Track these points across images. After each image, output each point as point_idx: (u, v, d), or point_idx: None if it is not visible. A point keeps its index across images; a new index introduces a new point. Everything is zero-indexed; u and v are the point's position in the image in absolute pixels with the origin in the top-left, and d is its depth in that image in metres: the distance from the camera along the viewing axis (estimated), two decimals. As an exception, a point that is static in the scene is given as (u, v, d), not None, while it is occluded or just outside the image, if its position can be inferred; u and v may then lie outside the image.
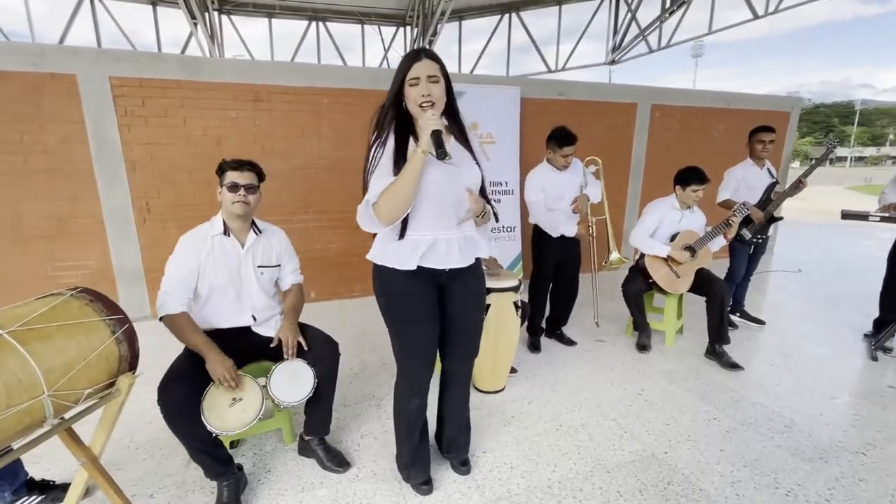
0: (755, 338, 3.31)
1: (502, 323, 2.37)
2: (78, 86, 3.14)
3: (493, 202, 1.65)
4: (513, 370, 2.74)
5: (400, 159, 1.42)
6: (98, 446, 1.47)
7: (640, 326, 3.13)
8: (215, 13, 8.69)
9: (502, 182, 4.23)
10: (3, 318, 1.20)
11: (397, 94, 1.43)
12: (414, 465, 1.75)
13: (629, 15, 9.20)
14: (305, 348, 1.85)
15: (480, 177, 1.56)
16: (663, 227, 3.04)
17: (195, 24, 7.19)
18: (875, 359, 2.92)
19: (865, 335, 3.25)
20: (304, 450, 1.97)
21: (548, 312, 3.22)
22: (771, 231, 3.39)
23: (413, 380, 1.64)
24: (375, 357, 3.03)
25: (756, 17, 8.62)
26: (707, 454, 1.99)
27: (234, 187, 1.78)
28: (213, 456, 1.63)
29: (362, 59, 10.05)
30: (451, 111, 1.52)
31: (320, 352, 1.87)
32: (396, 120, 1.45)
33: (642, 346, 3.07)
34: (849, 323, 3.58)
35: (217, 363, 1.64)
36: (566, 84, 4.59)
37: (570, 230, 2.91)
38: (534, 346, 3.08)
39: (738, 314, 3.62)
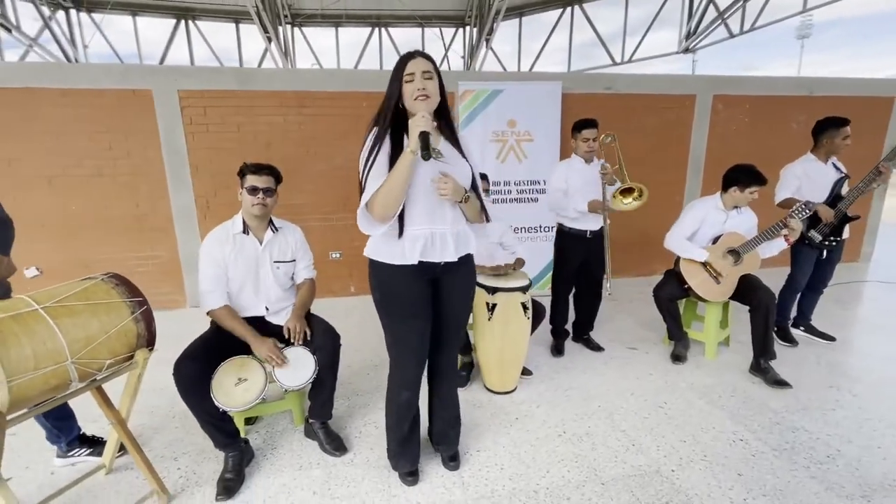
0: (821, 356, 2.92)
1: (508, 323, 2.34)
2: (153, 99, 3.61)
3: (483, 200, 1.66)
4: (527, 372, 2.68)
5: (395, 159, 1.48)
6: (124, 410, 1.71)
7: (676, 336, 2.90)
8: (288, 26, 9.41)
9: (540, 181, 4.13)
10: (42, 295, 1.45)
11: (396, 94, 1.49)
12: (401, 455, 1.80)
13: (706, -2, 8.44)
14: (309, 338, 1.99)
15: (471, 174, 1.60)
16: (705, 228, 2.79)
17: (268, 39, 7.85)
18: (973, 388, 2.45)
19: None
20: (309, 432, 2.11)
21: (574, 316, 3.11)
22: (846, 234, 2.95)
23: (405, 373, 1.70)
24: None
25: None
26: (721, 477, 1.82)
27: (253, 190, 1.95)
28: (220, 429, 1.81)
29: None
30: (442, 111, 1.57)
31: (322, 341, 1.99)
32: (393, 121, 1.52)
33: (677, 357, 2.85)
34: (949, 345, 3.02)
35: (261, 345, 1.88)
36: (614, 77, 4.35)
37: (595, 224, 2.78)
38: (556, 350, 2.99)
39: (802, 328, 3.21)
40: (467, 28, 9.56)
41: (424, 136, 1.35)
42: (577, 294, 3.02)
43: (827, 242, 2.88)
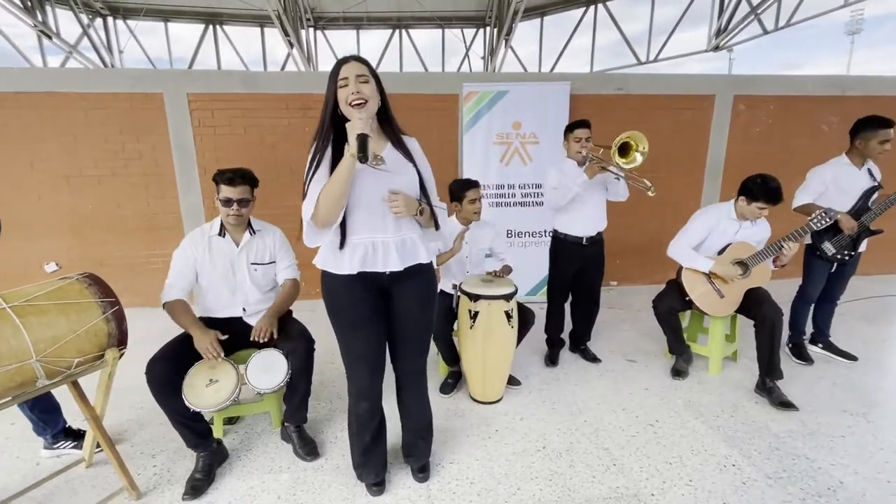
0: (838, 376, 2.70)
1: (491, 332, 2.27)
2: (164, 102, 3.73)
3: (437, 207, 1.61)
4: (515, 382, 2.61)
5: (336, 164, 1.46)
6: (99, 407, 1.76)
7: (676, 350, 2.76)
8: (311, 29, 9.59)
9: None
10: (12, 294, 1.50)
11: (331, 99, 1.47)
12: (364, 465, 1.77)
13: (739, -7, 8.05)
14: (275, 337, 1.98)
15: (418, 181, 1.56)
16: (713, 238, 2.63)
17: (290, 42, 8.01)
18: None
19: None
20: (284, 435, 2.11)
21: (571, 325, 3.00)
22: (863, 248, 2.72)
23: (359, 383, 1.66)
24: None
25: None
26: (704, 505, 1.70)
27: (227, 202, 1.97)
28: (191, 429, 1.83)
29: (441, 64, 10.27)
30: (384, 115, 1.54)
31: (295, 344, 1.98)
32: (334, 127, 1.49)
33: (677, 372, 2.70)
34: None
35: (201, 338, 1.85)
36: (626, 77, 4.20)
37: (592, 229, 2.68)
38: (550, 360, 2.89)
39: (820, 345, 2.99)
40: (487, 29, 9.47)
41: (362, 138, 1.31)
42: (574, 303, 2.92)
43: (840, 256, 2.67)
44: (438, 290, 2.63)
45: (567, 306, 2.93)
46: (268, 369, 1.94)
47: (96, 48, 8.63)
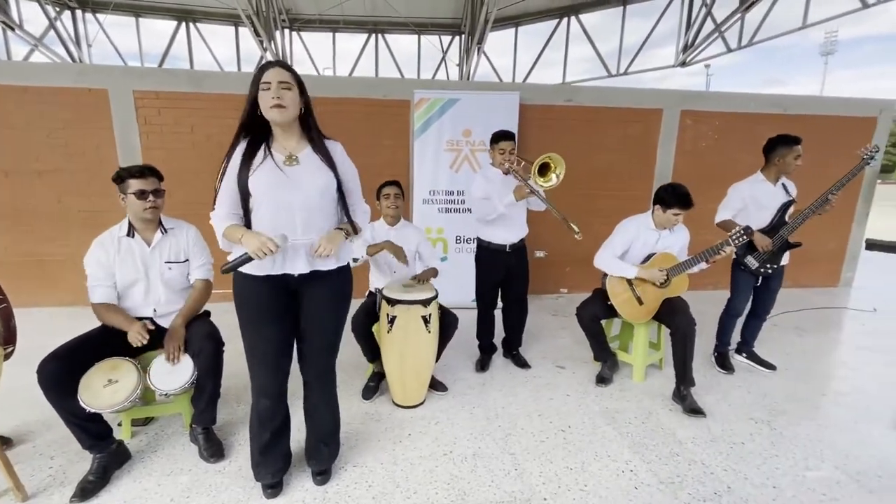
0: (754, 385, 2.79)
1: (407, 336, 2.30)
2: (109, 99, 3.68)
3: (353, 212, 1.68)
4: (442, 387, 2.62)
5: (245, 165, 1.52)
6: (-14, 406, 1.73)
7: (601, 357, 2.82)
8: (286, 31, 9.57)
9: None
10: None
11: (251, 100, 1.51)
12: (262, 464, 1.77)
13: (704, 9, 8.29)
14: (182, 350, 1.97)
15: (335, 185, 1.61)
16: (636, 248, 2.71)
17: (261, 42, 7.98)
18: (904, 432, 2.30)
19: None
20: (193, 437, 2.09)
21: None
22: (786, 260, 2.83)
23: (260, 379, 1.68)
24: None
25: (865, 5, 7.28)
26: (591, 509, 1.74)
27: (142, 194, 1.95)
28: (86, 430, 1.80)
29: (417, 71, 10.34)
30: (307, 120, 1.60)
31: (201, 346, 1.97)
32: (252, 126, 1.54)
33: (601, 379, 2.76)
34: (898, 380, 2.86)
35: (130, 327, 1.90)
36: (576, 89, 4.31)
37: (514, 237, 2.73)
38: (480, 365, 2.92)
39: (744, 355, 3.08)
40: (463, 36, 9.58)
41: (245, 260, 1.47)
42: (504, 309, 2.96)
43: (763, 269, 2.76)
44: (369, 290, 2.66)
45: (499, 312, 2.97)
46: (172, 370, 1.93)
47: (63, 42, 8.47)
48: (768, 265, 2.78)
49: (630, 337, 3.07)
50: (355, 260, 2.29)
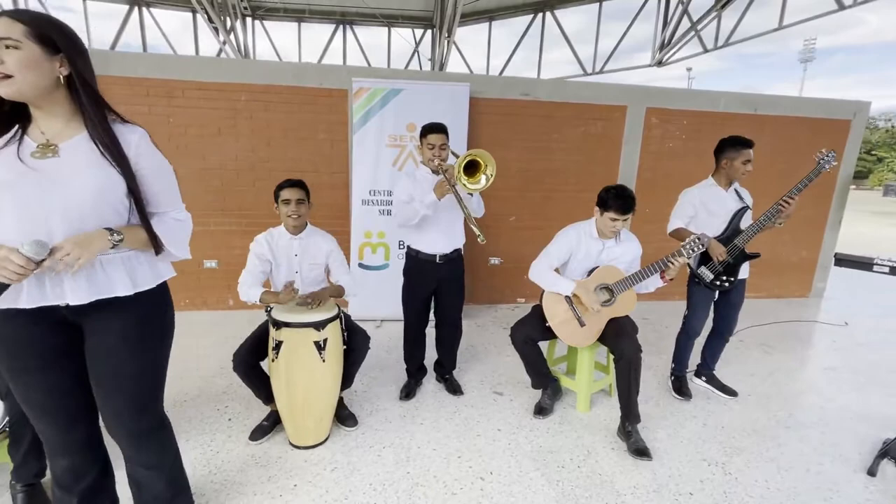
0: (711, 415, 2.47)
1: (296, 365, 1.91)
2: None
3: (175, 220, 1.32)
4: (351, 422, 2.24)
5: None
6: None
7: (538, 384, 2.47)
8: (249, 19, 9.06)
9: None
10: None
11: None
12: None
13: (680, 7, 8.06)
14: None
15: (123, 185, 1.17)
16: (577, 259, 2.37)
17: (215, 30, 7.48)
18: (873, 473, 2.00)
19: (885, 442, 2.14)
20: (13, 493, 1.68)
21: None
22: (745, 273, 2.52)
23: (48, 438, 1.29)
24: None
25: (842, 7, 7.11)
26: None
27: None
28: None
29: (387, 62, 9.92)
30: (86, 98, 1.12)
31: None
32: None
33: (540, 410, 2.41)
34: (877, 409, 2.57)
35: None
36: (533, 82, 3.96)
37: (446, 246, 2.38)
38: (404, 393, 2.54)
39: (704, 378, 2.77)
40: (435, 29, 9.20)
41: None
42: (436, 327, 2.60)
43: (719, 283, 2.45)
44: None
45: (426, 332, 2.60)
46: None
47: None
48: (724, 278, 2.47)
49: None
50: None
